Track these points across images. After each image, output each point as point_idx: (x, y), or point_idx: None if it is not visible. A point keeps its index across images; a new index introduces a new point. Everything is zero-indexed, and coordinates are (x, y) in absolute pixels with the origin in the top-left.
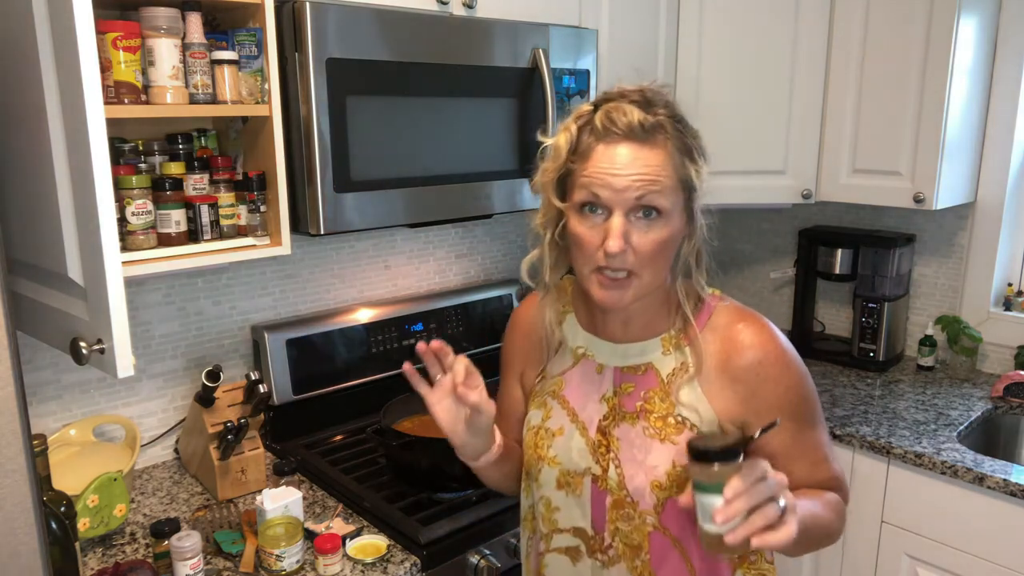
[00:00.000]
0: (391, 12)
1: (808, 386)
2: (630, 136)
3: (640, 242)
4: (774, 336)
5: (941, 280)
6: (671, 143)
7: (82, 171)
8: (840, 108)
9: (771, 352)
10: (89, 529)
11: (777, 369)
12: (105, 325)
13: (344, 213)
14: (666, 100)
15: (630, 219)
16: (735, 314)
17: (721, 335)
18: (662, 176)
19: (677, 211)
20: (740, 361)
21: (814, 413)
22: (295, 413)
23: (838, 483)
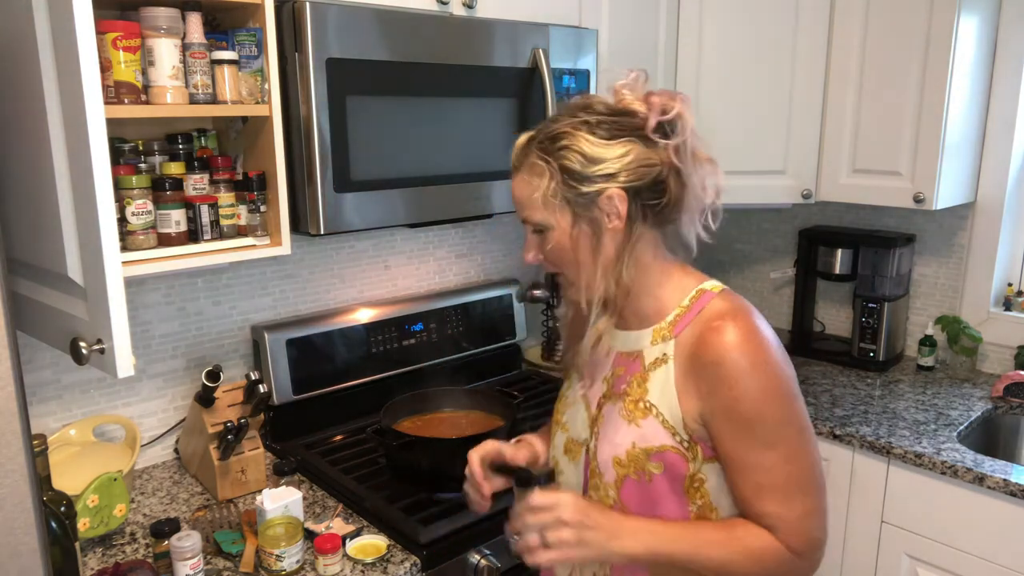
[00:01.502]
0: (391, 12)
1: (767, 403)
2: (512, 169)
3: (545, 252)
4: (744, 340)
5: (941, 280)
6: (535, 166)
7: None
8: (840, 108)
9: (733, 355)
10: (89, 529)
11: (734, 374)
12: (105, 325)
13: (344, 213)
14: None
15: (533, 233)
16: (721, 309)
17: (699, 329)
18: (526, 196)
19: (559, 218)
20: (704, 357)
21: (771, 434)
22: (295, 413)
23: (782, 525)
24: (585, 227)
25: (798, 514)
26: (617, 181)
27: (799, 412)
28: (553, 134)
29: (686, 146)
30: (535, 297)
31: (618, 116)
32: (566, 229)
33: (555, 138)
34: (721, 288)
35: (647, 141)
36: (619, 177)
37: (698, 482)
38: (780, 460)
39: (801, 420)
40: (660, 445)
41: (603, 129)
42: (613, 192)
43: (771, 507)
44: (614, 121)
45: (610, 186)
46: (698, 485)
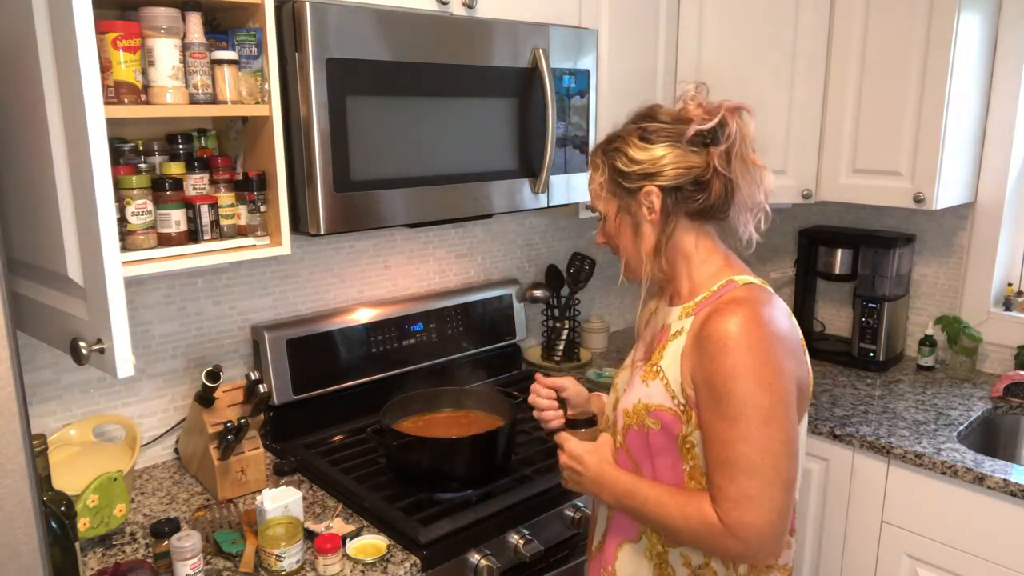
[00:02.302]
0: (391, 12)
1: (739, 381)
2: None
3: (606, 233)
4: (741, 322)
5: (941, 280)
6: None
7: (82, 171)
8: (840, 108)
9: (724, 331)
10: (89, 529)
11: (720, 348)
12: (105, 325)
13: (344, 213)
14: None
15: (599, 220)
16: (734, 296)
17: (712, 309)
18: (591, 188)
19: (610, 207)
20: (704, 331)
21: (733, 411)
22: (295, 413)
23: (720, 497)
24: (627, 217)
25: (736, 492)
26: (655, 180)
27: (772, 401)
28: (612, 138)
29: (732, 152)
30: (535, 297)
31: (677, 124)
32: (612, 217)
33: (611, 141)
34: (748, 281)
35: (691, 147)
36: (657, 177)
37: (689, 444)
38: (736, 437)
39: (772, 409)
40: (659, 404)
41: (652, 135)
42: (651, 189)
43: (716, 478)
44: (671, 128)
45: (648, 184)
46: (689, 447)
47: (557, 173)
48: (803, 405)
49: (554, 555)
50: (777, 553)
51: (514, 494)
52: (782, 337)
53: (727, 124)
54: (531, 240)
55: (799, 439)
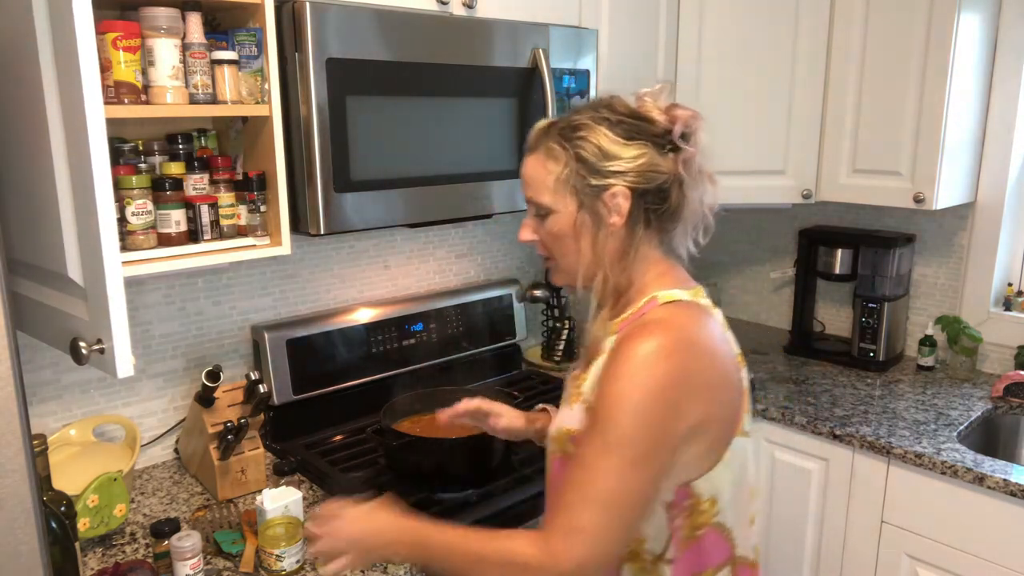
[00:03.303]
0: (391, 12)
1: (627, 419)
2: (526, 149)
3: (542, 233)
4: (643, 353)
5: (941, 280)
6: (551, 150)
7: (82, 171)
8: (840, 108)
9: (623, 358)
10: (89, 529)
11: (613, 374)
12: (105, 325)
13: (344, 213)
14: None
15: (534, 215)
16: (649, 321)
17: (628, 329)
18: (537, 176)
19: (565, 204)
20: (613, 354)
21: (613, 446)
22: (295, 413)
23: (551, 518)
24: (588, 217)
25: (576, 522)
26: (625, 180)
27: (647, 446)
28: (575, 124)
29: (692, 160)
30: (535, 297)
31: (637, 119)
32: (570, 216)
33: (575, 128)
34: (673, 300)
35: (660, 148)
36: (628, 176)
37: None
38: (602, 468)
39: (644, 453)
40: (578, 429)
41: (622, 128)
42: (619, 190)
43: (559, 504)
44: (633, 123)
45: (618, 183)
46: None
47: None
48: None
49: None
50: None
51: (514, 494)
52: (690, 372)
53: (696, 131)
54: None
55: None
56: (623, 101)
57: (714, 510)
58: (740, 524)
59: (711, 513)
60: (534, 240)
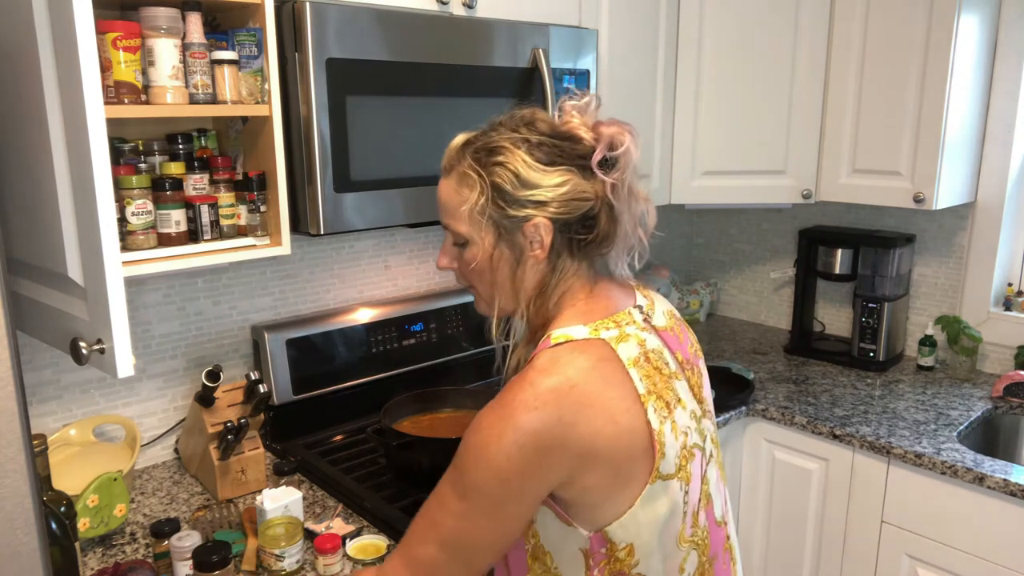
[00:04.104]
0: (391, 12)
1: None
2: (442, 170)
3: (459, 263)
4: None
5: (941, 280)
6: (466, 177)
7: (82, 171)
8: (840, 108)
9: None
10: (89, 529)
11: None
12: (105, 325)
13: (344, 213)
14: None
15: (452, 243)
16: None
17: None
18: (450, 204)
19: (482, 235)
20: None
21: (460, 482)
22: (295, 413)
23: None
24: (507, 250)
25: (422, 553)
26: (547, 210)
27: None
28: (490, 146)
29: (624, 183)
30: None
31: (560, 140)
32: (488, 248)
33: (492, 151)
34: (565, 340)
35: (585, 172)
36: (549, 207)
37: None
38: (451, 509)
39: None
40: None
41: (542, 152)
42: (540, 221)
43: (415, 528)
44: (555, 145)
45: (538, 214)
46: (528, 524)
47: None
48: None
49: None
50: None
51: None
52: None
53: (630, 151)
54: None
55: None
56: (545, 117)
57: (632, 560)
58: (667, 574)
59: (629, 563)
60: (452, 268)
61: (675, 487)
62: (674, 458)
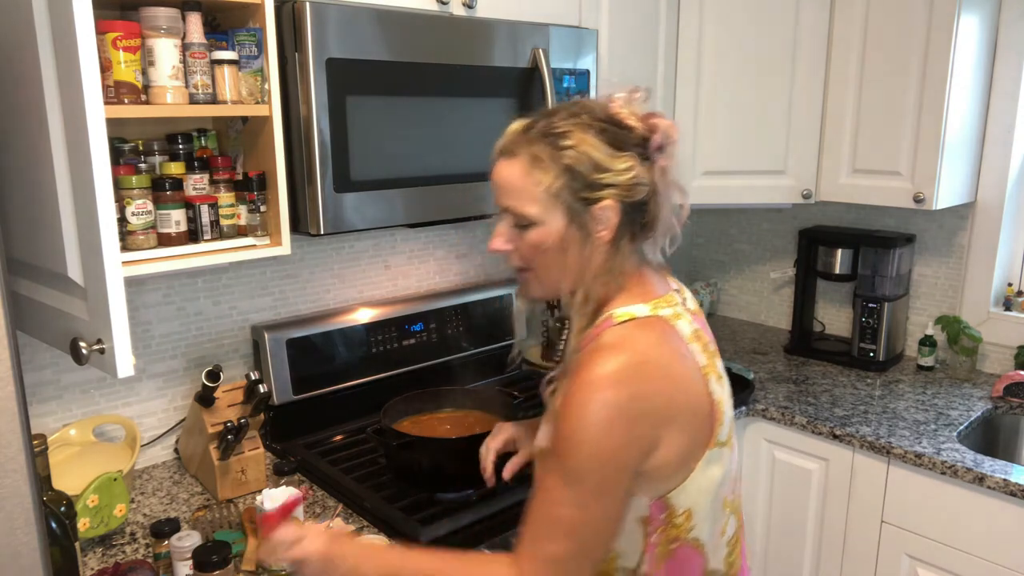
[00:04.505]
0: (391, 12)
1: (583, 451)
2: (501, 150)
3: (520, 244)
4: (593, 383)
5: (941, 280)
6: (538, 159)
7: (82, 171)
8: (840, 108)
9: (575, 388)
10: (89, 529)
11: (567, 406)
12: (105, 325)
13: (344, 213)
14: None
15: (511, 224)
16: (601, 346)
17: (585, 351)
18: (520, 186)
19: (552, 217)
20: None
21: (576, 479)
22: (295, 413)
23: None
24: (576, 231)
25: (549, 554)
26: (615, 193)
27: (608, 474)
28: (559, 130)
29: (668, 171)
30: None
31: (617, 127)
32: (557, 229)
33: (562, 135)
34: (628, 318)
35: (643, 160)
36: (618, 190)
37: None
38: (567, 500)
39: (605, 482)
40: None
41: (608, 137)
42: (609, 203)
43: (532, 531)
44: (616, 132)
45: (608, 197)
46: None
47: None
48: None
49: None
50: None
51: (514, 494)
52: (645, 396)
53: (676, 141)
54: None
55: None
56: (600, 105)
57: (689, 524)
58: (714, 537)
59: (686, 527)
60: (507, 250)
61: (726, 453)
62: (727, 426)
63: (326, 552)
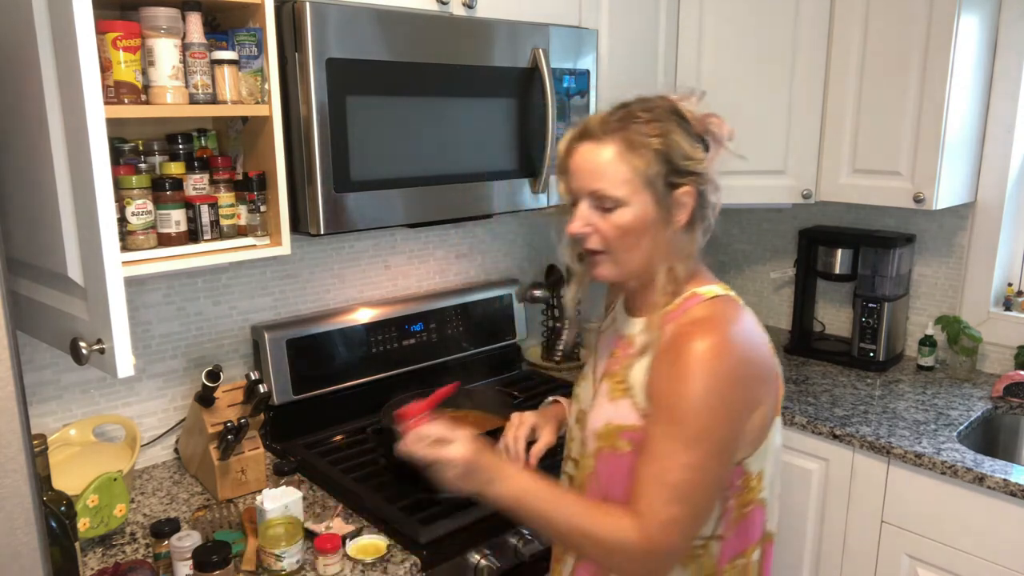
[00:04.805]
0: (391, 12)
1: (699, 410)
2: (586, 135)
3: (603, 226)
4: (709, 348)
5: (941, 280)
6: (634, 143)
7: (82, 171)
8: (840, 108)
9: (691, 356)
10: (89, 529)
11: (683, 372)
12: (105, 325)
13: (344, 213)
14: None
15: (593, 207)
16: (699, 316)
17: (677, 328)
18: (612, 168)
19: (640, 199)
20: (671, 352)
21: (695, 440)
22: (295, 413)
23: (650, 515)
24: (660, 215)
25: (670, 516)
26: (695, 180)
27: (725, 436)
28: (646, 119)
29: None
30: (535, 297)
31: (683, 120)
32: (644, 212)
33: (650, 123)
34: (713, 295)
35: (706, 150)
36: (699, 177)
37: None
38: (686, 463)
39: (722, 443)
40: (631, 424)
41: (687, 128)
42: (689, 189)
43: (651, 495)
44: (686, 124)
45: (691, 184)
46: None
47: None
48: (771, 409)
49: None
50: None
51: None
52: (749, 362)
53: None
54: (531, 240)
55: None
56: (668, 100)
57: (760, 486)
58: (774, 498)
59: (758, 489)
60: (586, 233)
61: (778, 421)
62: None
63: (471, 461)
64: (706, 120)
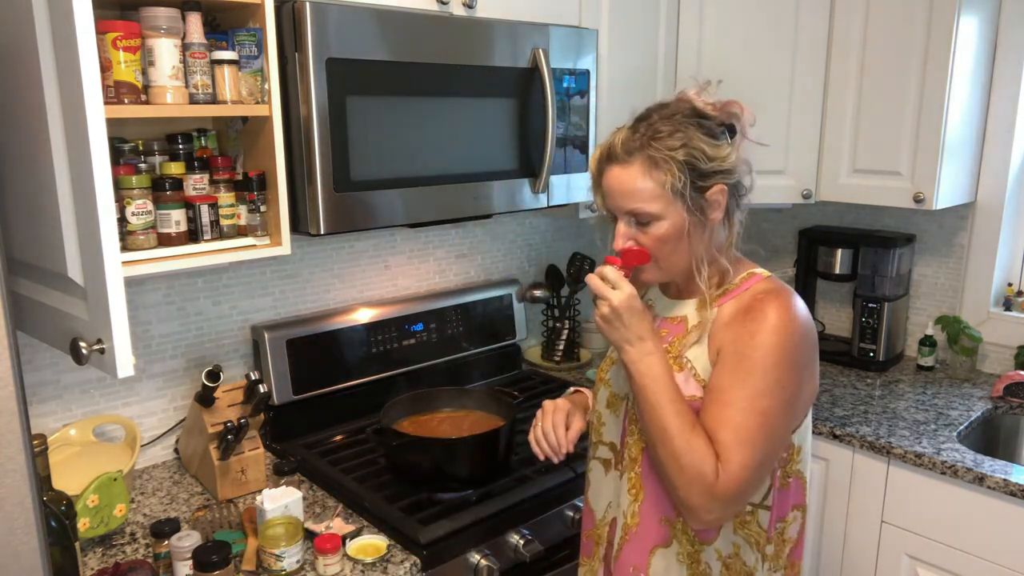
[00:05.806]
0: (391, 12)
1: (774, 363)
2: (612, 158)
3: (644, 239)
4: (781, 310)
5: (941, 280)
6: (654, 160)
7: (82, 171)
8: (840, 108)
9: (766, 316)
10: (89, 529)
11: (761, 327)
12: (105, 325)
13: (344, 213)
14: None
15: (631, 223)
16: (768, 288)
17: (745, 300)
18: (641, 187)
19: (673, 210)
20: (744, 315)
21: (760, 385)
22: (295, 413)
23: (724, 455)
24: (695, 218)
25: (743, 462)
26: (723, 177)
27: (794, 392)
28: (665, 131)
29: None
30: (535, 297)
31: (703, 119)
32: (679, 221)
33: (670, 135)
34: (769, 274)
35: (732, 143)
36: (727, 174)
37: None
38: (755, 410)
39: (791, 399)
40: (691, 395)
41: (706, 128)
42: (719, 187)
43: (730, 442)
44: (706, 123)
45: (720, 182)
46: None
47: (557, 173)
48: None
49: (554, 555)
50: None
51: (514, 494)
52: (812, 333)
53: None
54: (531, 240)
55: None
56: (682, 102)
57: (799, 457)
58: (807, 470)
59: (797, 461)
60: (634, 248)
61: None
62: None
63: (623, 311)
64: (728, 107)
